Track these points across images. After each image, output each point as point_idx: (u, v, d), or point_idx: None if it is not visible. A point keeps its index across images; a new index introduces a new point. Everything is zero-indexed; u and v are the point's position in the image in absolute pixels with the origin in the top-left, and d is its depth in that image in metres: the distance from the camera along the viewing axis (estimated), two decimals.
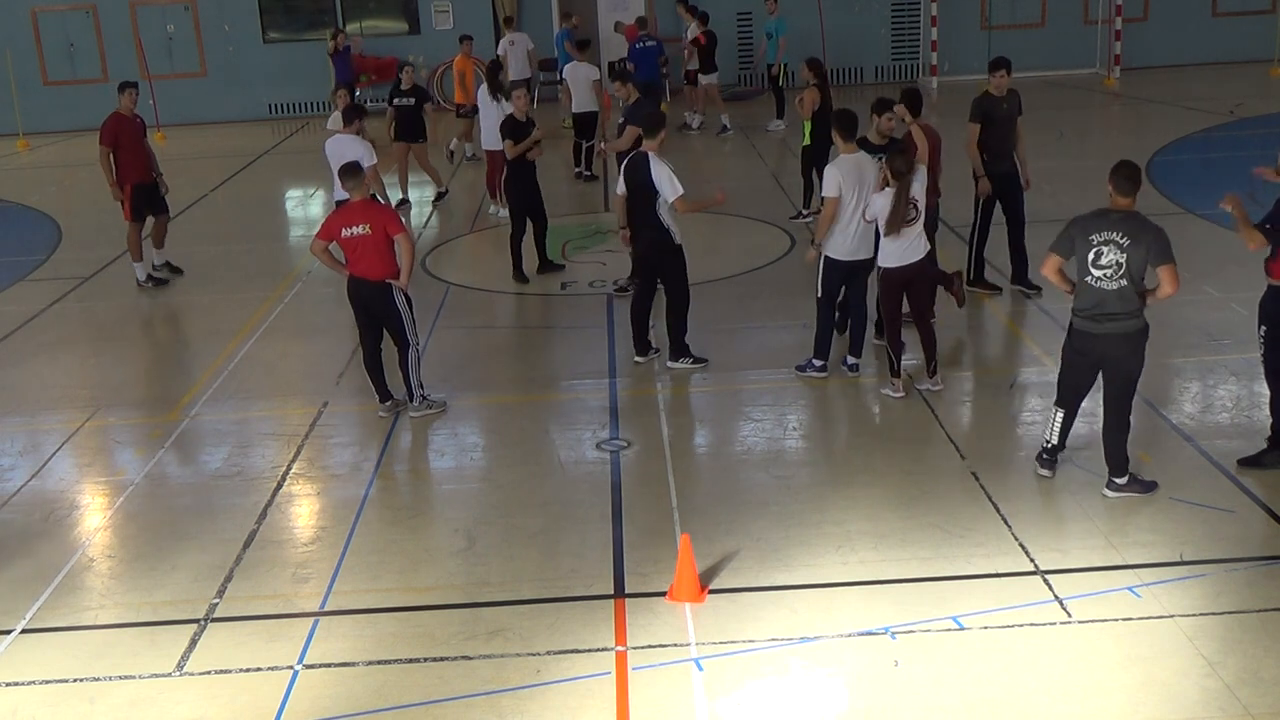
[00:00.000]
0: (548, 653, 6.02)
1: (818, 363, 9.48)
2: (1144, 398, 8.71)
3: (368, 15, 25.92)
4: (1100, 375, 7.31)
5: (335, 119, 13.40)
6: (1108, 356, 7.15)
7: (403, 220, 9.30)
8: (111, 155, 12.70)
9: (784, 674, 5.77)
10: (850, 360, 9.47)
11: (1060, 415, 7.48)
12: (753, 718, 5.48)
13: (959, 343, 10.09)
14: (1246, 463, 7.58)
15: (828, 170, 9.23)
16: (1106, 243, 6.92)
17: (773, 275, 12.21)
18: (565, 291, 12.27)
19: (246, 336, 11.28)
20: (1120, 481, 7.22)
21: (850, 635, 6.04)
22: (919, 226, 8.82)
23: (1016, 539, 6.87)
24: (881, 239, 8.88)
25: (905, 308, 9.12)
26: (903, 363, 9.07)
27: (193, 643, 6.29)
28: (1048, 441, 7.56)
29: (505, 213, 14.74)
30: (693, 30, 21.42)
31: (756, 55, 21.93)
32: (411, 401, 9.13)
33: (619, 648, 6.03)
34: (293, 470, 8.37)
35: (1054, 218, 8.89)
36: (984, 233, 11.13)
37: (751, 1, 24.65)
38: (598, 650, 6.02)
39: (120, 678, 6.02)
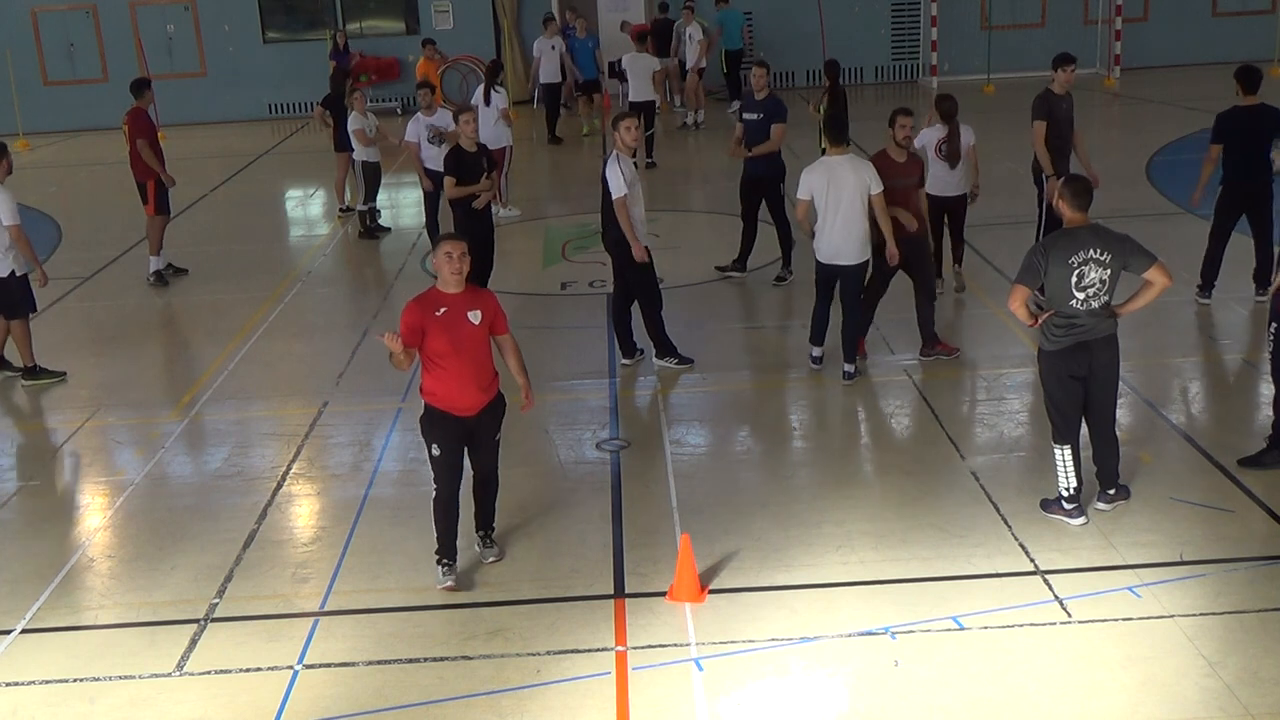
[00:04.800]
0: (548, 653, 6.02)
1: (815, 352, 9.45)
2: (1144, 398, 8.72)
3: (368, 15, 25.93)
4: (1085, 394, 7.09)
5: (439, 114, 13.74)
6: (1098, 361, 6.88)
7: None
8: (149, 147, 12.77)
9: (784, 674, 5.77)
10: (847, 369, 9.28)
11: (1068, 453, 6.95)
12: (753, 718, 5.48)
13: (957, 343, 10.08)
14: (1246, 462, 7.57)
15: (803, 174, 9.16)
16: (1086, 262, 6.67)
17: (772, 275, 12.19)
18: (565, 291, 12.27)
19: (246, 336, 11.28)
20: (1113, 493, 7.16)
21: (850, 635, 6.04)
22: (961, 169, 10.77)
23: (1016, 539, 6.87)
24: (932, 166, 10.64)
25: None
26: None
27: (193, 643, 6.29)
28: (1068, 489, 6.98)
29: (505, 212, 14.80)
30: (697, 32, 21.43)
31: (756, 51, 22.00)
32: (480, 531, 7.07)
33: (619, 648, 6.03)
34: (293, 470, 8.37)
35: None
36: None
37: (754, 2, 24.65)
38: (598, 650, 6.02)
39: (120, 678, 6.02)
